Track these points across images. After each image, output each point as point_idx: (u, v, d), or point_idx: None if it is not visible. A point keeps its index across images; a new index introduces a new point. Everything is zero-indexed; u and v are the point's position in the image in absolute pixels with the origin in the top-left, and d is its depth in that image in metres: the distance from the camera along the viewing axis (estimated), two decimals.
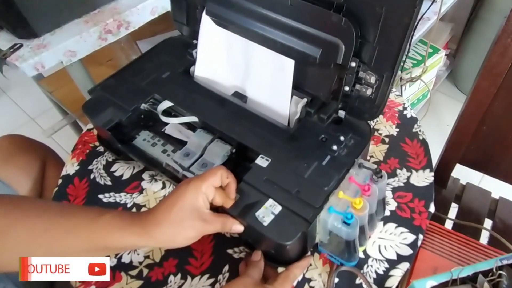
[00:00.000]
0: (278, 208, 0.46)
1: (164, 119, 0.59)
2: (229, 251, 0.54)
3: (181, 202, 0.43)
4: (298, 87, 0.57)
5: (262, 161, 0.51)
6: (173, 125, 0.62)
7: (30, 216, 0.43)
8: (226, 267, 0.53)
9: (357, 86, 0.53)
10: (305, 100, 0.56)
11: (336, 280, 0.50)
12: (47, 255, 0.44)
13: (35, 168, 0.74)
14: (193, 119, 0.59)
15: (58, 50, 0.78)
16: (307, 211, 0.46)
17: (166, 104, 0.60)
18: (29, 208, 0.44)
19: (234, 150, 0.56)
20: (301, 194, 0.47)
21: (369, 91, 0.52)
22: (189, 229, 0.43)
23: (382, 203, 0.53)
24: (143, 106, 0.61)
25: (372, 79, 0.51)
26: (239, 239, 0.54)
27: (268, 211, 0.46)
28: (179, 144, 0.60)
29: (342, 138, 0.53)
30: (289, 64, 0.54)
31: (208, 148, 0.56)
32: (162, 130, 0.62)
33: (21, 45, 0.77)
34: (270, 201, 0.47)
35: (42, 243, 0.42)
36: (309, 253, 0.52)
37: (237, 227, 0.46)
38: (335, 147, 0.52)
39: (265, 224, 0.45)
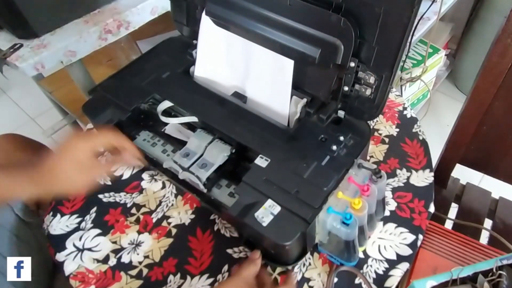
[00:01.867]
0: (277, 209, 0.46)
1: (164, 119, 0.59)
2: (229, 251, 0.54)
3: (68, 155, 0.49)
4: (297, 87, 0.57)
5: (261, 161, 0.51)
6: (173, 125, 0.62)
7: None
8: (226, 267, 0.53)
9: (357, 86, 0.52)
10: (304, 100, 0.56)
11: (336, 280, 0.50)
12: None
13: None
14: (193, 119, 0.59)
15: (58, 50, 0.78)
16: (306, 211, 0.46)
17: (165, 104, 0.60)
18: None
19: (234, 150, 0.56)
20: (300, 194, 0.47)
21: (368, 91, 0.52)
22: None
23: (382, 203, 0.53)
24: (143, 106, 0.61)
25: (371, 79, 0.51)
26: (239, 239, 0.54)
27: (267, 212, 0.46)
28: (179, 144, 0.60)
29: (341, 138, 0.53)
30: (289, 64, 0.54)
31: (208, 148, 0.56)
32: (162, 130, 0.62)
33: (21, 45, 0.77)
34: (269, 202, 0.47)
35: None
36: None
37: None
38: (334, 147, 0.51)
39: (264, 224, 0.45)
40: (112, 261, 0.54)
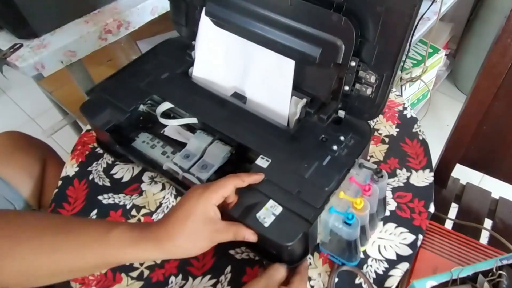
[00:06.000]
0: (279, 209, 0.46)
1: (163, 121, 0.59)
2: (231, 251, 0.54)
3: (193, 215, 0.43)
4: (297, 87, 0.56)
5: (262, 162, 0.51)
6: (173, 127, 0.62)
7: (34, 236, 0.42)
8: (228, 268, 0.53)
9: (357, 86, 0.52)
10: (304, 100, 0.56)
11: (336, 279, 0.50)
12: (54, 275, 0.42)
13: (35, 166, 0.73)
14: (192, 120, 0.59)
15: (58, 50, 0.78)
16: (308, 211, 0.46)
17: (165, 106, 0.60)
18: (32, 227, 0.43)
19: (234, 151, 0.56)
20: (302, 194, 0.47)
21: (369, 91, 0.52)
22: (203, 240, 0.43)
23: (383, 202, 0.53)
24: (142, 107, 0.61)
25: (372, 79, 0.51)
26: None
27: (269, 212, 0.46)
28: (179, 146, 0.59)
29: (342, 138, 0.53)
30: (289, 64, 0.54)
31: (208, 150, 0.56)
32: (162, 132, 0.62)
33: (21, 45, 0.77)
34: (271, 202, 0.47)
35: (49, 264, 0.41)
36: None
37: (250, 236, 0.45)
38: (335, 147, 0.51)
39: (266, 225, 0.45)
40: None
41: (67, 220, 0.48)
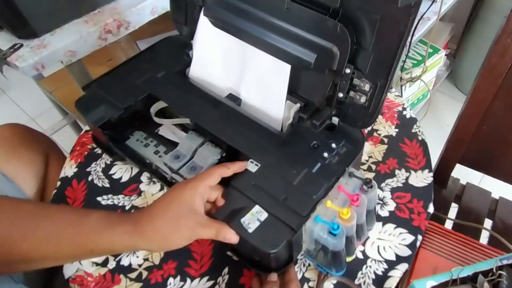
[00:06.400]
0: (264, 215, 0.45)
1: (157, 120, 0.59)
2: (229, 253, 0.54)
3: (178, 200, 0.43)
4: (292, 92, 0.56)
5: (251, 166, 0.50)
6: (167, 126, 0.62)
7: (5, 221, 0.40)
8: (226, 269, 0.53)
9: (351, 93, 0.52)
10: (298, 105, 0.55)
11: (334, 281, 0.50)
12: (27, 264, 0.41)
13: (39, 163, 0.71)
14: (185, 120, 0.58)
15: (58, 50, 0.78)
16: (293, 219, 0.45)
17: (159, 105, 0.59)
18: (4, 212, 0.41)
19: (224, 154, 0.55)
20: (288, 201, 0.46)
21: (363, 99, 0.51)
22: (184, 229, 0.42)
23: (373, 213, 0.52)
24: (138, 105, 0.60)
25: (366, 87, 0.50)
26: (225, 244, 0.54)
27: (254, 218, 0.45)
28: (172, 145, 0.59)
29: (334, 145, 0.52)
30: (285, 68, 0.53)
31: (198, 151, 0.55)
32: (156, 130, 0.62)
33: (21, 45, 0.77)
34: (257, 208, 0.46)
35: (21, 251, 0.40)
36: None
37: (232, 237, 0.44)
38: (326, 155, 0.51)
39: (250, 231, 0.44)
40: (112, 264, 0.54)
41: (43, 205, 0.47)
